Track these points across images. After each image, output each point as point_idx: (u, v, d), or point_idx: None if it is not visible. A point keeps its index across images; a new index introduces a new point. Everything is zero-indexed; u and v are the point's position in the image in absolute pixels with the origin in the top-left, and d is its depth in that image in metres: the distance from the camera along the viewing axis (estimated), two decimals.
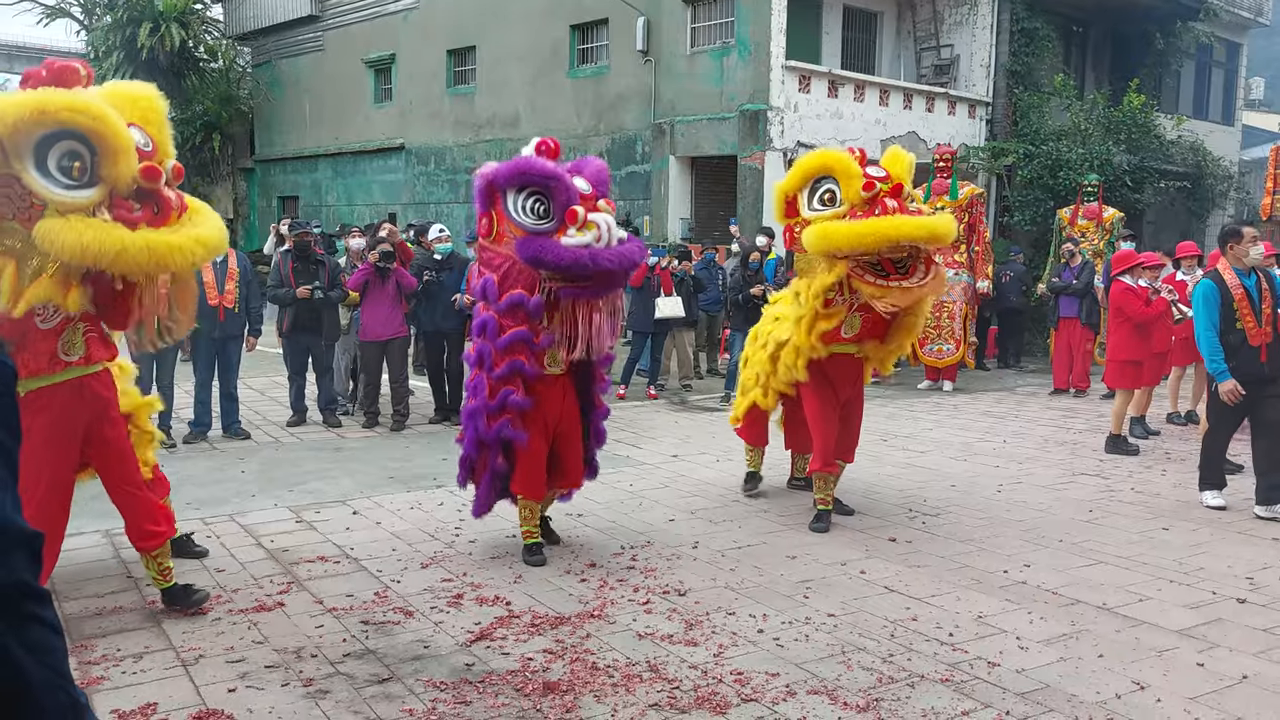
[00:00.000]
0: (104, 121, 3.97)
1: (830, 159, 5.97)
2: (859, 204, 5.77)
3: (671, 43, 16.45)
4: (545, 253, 5.02)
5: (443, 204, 21.05)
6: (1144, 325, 8.58)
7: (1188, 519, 6.62)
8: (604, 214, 5.16)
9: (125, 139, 4.04)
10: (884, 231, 5.64)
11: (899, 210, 5.74)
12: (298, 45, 25.29)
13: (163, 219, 4.15)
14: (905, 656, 4.34)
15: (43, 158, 3.96)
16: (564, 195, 5.08)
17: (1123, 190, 15.86)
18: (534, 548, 5.63)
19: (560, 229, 5.06)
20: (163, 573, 4.81)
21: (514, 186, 5.17)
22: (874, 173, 5.84)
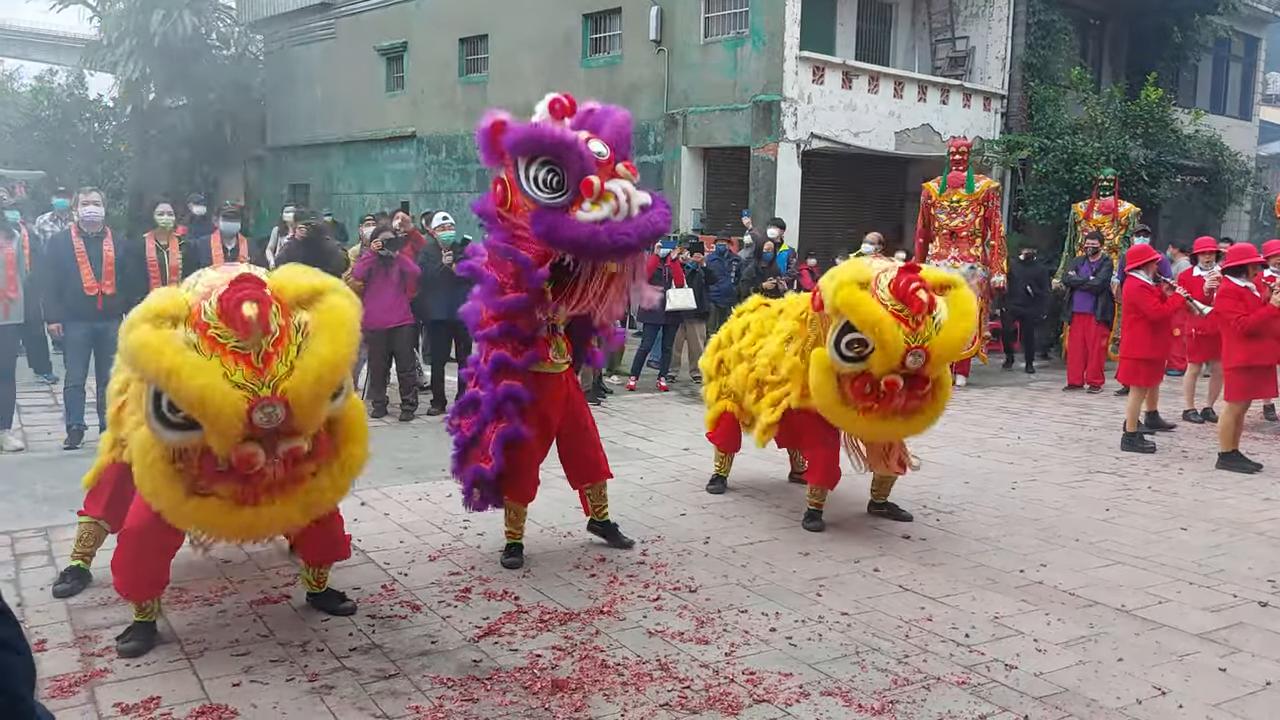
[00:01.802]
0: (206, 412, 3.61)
1: (876, 325, 5.26)
2: (877, 377, 5.43)
3: (685, 32, 16.32)
4: (557, 231, 4.66)
5: (454, 193, 20.96)
6: (1159, 322, 8.46)
7: (1206, 519, 6.52)
8: (622, 181, 4.75)
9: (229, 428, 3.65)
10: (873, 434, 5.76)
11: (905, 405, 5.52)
12: (310, 33, 25.20)
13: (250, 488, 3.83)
14: (921, 657, 4.26)
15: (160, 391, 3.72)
16: (577, 165, 4.63)
17: (1139, 185, 15.70)
18: (513, 549, 5.48)
19: (575, 202, 4.65)
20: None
21: (524, 155, 4.74)
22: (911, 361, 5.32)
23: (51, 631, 4.41)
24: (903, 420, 5.64)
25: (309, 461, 3.93)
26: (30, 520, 6.00)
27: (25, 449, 7.77)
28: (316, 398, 3.78)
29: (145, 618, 4.34)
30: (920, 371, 5.43)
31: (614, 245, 4.68)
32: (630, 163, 4.96)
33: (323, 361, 3.76)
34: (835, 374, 5.54)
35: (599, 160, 4.74)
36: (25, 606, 4.69)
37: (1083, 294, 11.98)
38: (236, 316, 3.67)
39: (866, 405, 5.52)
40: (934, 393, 5.65)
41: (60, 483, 6.79)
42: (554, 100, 4.95)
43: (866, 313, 5.28)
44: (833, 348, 5.49)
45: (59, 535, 5.71)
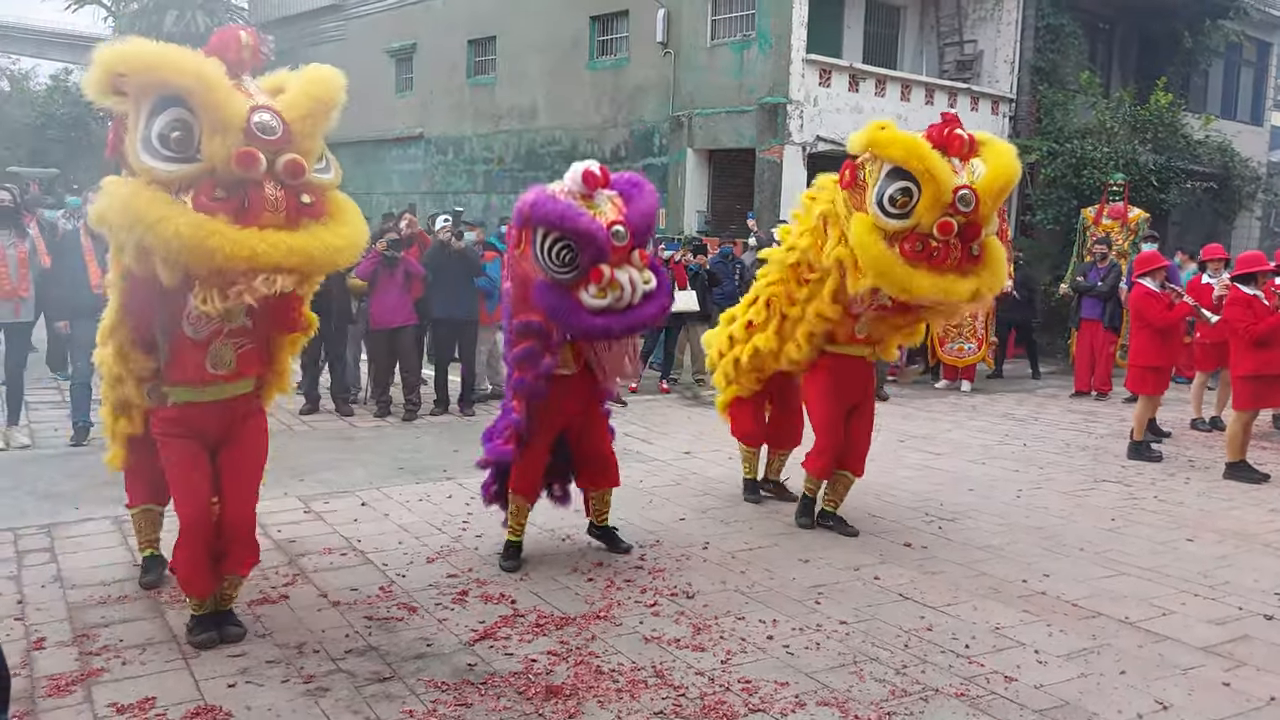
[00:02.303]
0: (210, 90, 3.71)
1: (926, 160, 5.01)
2: (927, 229, 5.09)
3: (692, 35, 16.30)
4: (560, 313, 4.87)
5: (461, 193, 20.97)
6: (1165, 330, 8.40)
7: (1212, 529, 6.47)
8: (631, 270, 4.87)
9: (231, 113, 3.73)
10: (936, 294, 5.20)
11: (960, 263, 5.18)
12: (320, 34, 25.25)
13: (250, 216, 3.79)
14: (919, 668, 4.23)
15: (152, 118, 3.80)
16: (591, 254, 4.78)
17: (1148, 190, 15.62)
18: (512, 549, 5.48)
19: (581, 282, 4.80)
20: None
21: (545, 228, 4.84)
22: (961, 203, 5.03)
23: (50, 630, 4.41)
24: (962, 278, 5.21)
25: (308, 214, 3.95)
26: (33, 517, 6.00)
27: (32, 445, 7.78)
28: (311, 112, 3.96)
29: (201, 610, 4.32)
30: (972, 218, 5.07)
31: (607, 336, 4.97)
32: (646, 252, 5.07)
33: (312, 81, 4.03)
34: (884, 235, 5.15)
35: (616, 246, 4.83)
36: (26, 604, 4.69)
37: (1090, 300, 11.92)
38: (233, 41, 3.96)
39: (923, 263, 5.13)
40: (987, 257, 5.30)
41: (65, 480, 6.80)
42: (588, 172, 4.95)
43: (910, 145, 4.99)
44: (875, 204, 5.15)
45: (61, 533, 5.73)
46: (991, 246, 5.37)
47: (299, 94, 3.98)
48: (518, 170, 19.74)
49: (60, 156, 28.16)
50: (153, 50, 3.76)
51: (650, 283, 4.96)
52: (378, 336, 9.48)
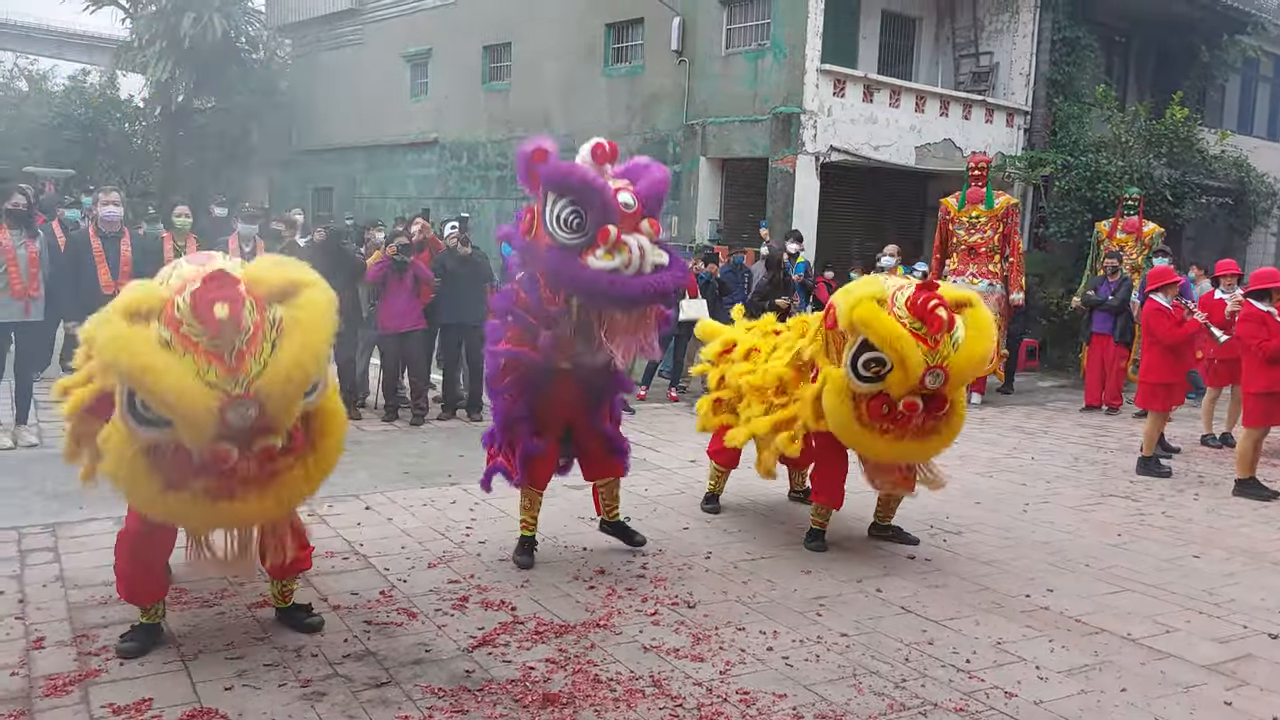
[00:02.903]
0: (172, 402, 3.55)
1: (899, 347, 5.07)
2: (895, 398, 5.24)
3: (706, 43, 16.31)
4: (564, 271, 4.84)
5: (475, 199, 21.02)
6: (1175, 346, 8.34)
7: (1220, 546, 6.42)
8: (641, 237, 4.86)
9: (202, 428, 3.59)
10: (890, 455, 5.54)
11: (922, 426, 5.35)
12: (337, 38, 25.37)
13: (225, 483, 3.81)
14: (919, 682, 4.20)
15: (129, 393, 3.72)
16: (599, 212, 4.78)
17: (1163, 205, 15.54)
18: (525, 544, 5.54)
19: (590, 247, 4.80)
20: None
21: (554, 190, 4.88)
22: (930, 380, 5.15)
23: (50, 629, 4.42)
24: (918, 442, 5.47)
25: (284, 456, 3.89)
26: (38, 516, 6.03)
27: (39, 444, 7.82)
28: (288, 396, 3.72)
29: (150, 619, 4.34)
30: (939, 392, 5.26)
31: (614, 295, 4.83)
32: (656, 220, 5.04)
33: (294, 360, 3.68)
34: (851, 394, 5.36)
35: (624, 211, 4.86)
36: (27, 603, 4.71)
37: (1102, 314, 11.87)
38: (208, 317, 3.61)
39: (884, 426, 5.33)
40: (951, 414, 5.48)
41: (71, 480, 6.71)
42: (597, 145, 5.05)
43: (885, 329, 5.09)
44: (849, 367, 5.31)
45: (65, 532, 5.75)
46: (957, 404, 5.50)
47: (282, 371, 3.67)
48: None
49: (77, 157, 28.34)
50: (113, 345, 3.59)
51: (662, 256, 4.92)
52: (386, 340, 9.51)
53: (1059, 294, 15.27)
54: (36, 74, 36.61)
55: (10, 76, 35.45)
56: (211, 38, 25.07)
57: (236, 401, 3.61)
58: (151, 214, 10.59)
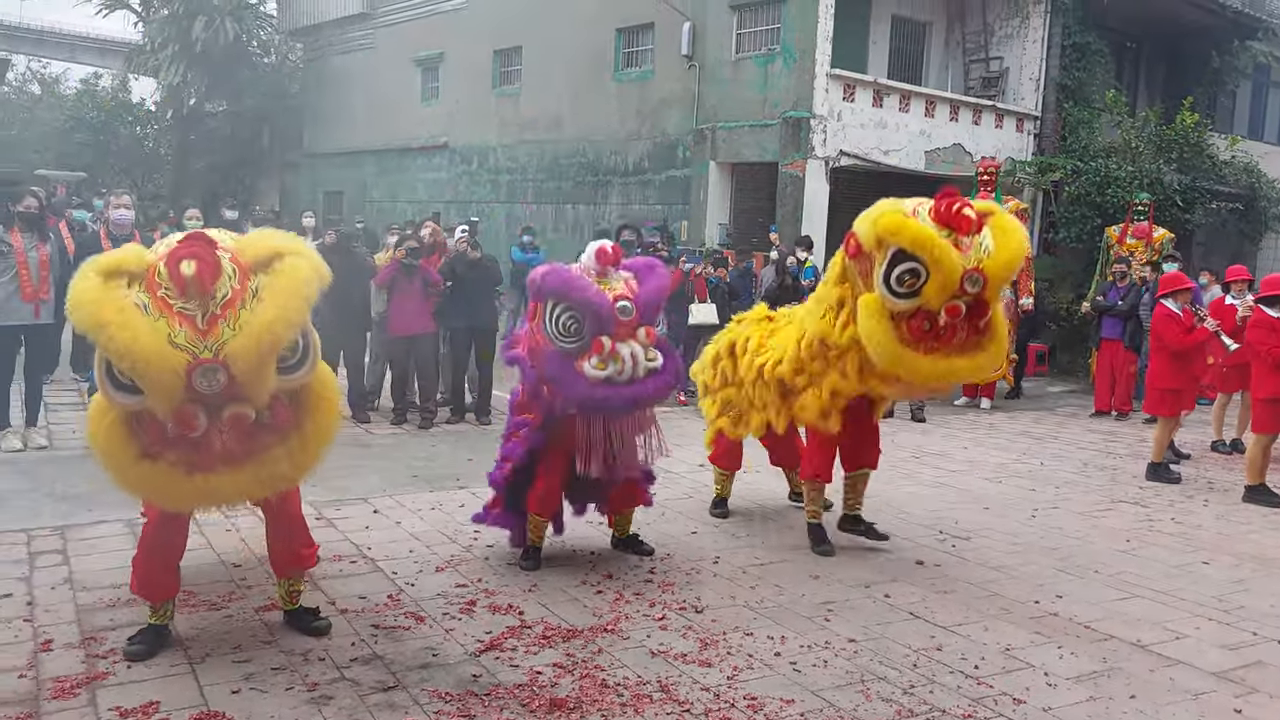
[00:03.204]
0: (136, 362, 3.49)
1: (934, 249, 4.89)
2: (935, 310, 5.04)
3: (716, 48, 16.32)
4: (559, 379, 5.01)
5: (485, 203, 21.07)
6: (1182, 353, 8.31)
7: (1230, 553, 6.39)
8: (634, 345, 5.02)
9: (167, 389, 3.54)
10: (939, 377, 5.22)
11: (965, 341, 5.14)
12: (349, 42, 25.46)
13: (200, 455, 3.72)
14: (927, 688, 4.19)
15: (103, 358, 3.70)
16: (595, 325, 4.98)
17: (1173, 210, 15.48)
18: (531, 552, 5.60)
19: (585, 354, 4.98)
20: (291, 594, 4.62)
21: (554, 298, 5.06)
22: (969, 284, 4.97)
23: (58, 632, 4.43)
24: (967, 357, 5.19)
25: (266, 433, 3.82)
26: (47, 519, 6.05)
27: (49, 446, 7.85)
28: (258, 362, 3.61)
29: (158, 620, 4.35)
30: (980, 297, 5.03)
31: (601, 408, 5.04)
32: (653, 329, 5.19)
33: (264, 324, 3.59)
34: (889, 316, 5.08)
35: (621, 320, 5.02)
36: (35, 605, 4.72)
37: (1111, 319, 11.83)
38: (174, 274, 3.57)
39: (928, 346, 5.08)
40: (991, 329, 5.23)
41: (80, 481, 6.84)
42: (600, 249, 5.20)
43: (917, 232, 4.88)
44: (882, 284, 5.05)
45: (74, 535, 5.77)
46: (996, 320, 5.31)
47: (253, 336, 3.60)
48: (541, 180, 19.82)
49: (89, 160, 28.49)
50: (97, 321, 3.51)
51: (656, 360, 5.08)
52: (396, 343, 9.54)
53: (1068, 299, 15.22)
54: (49, 77, 36.83)
55: (23, 80, 35.66)
56: (223, 42, 25.20)
57: (204, 365, 3.54)
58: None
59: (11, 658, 4.15)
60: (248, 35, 27.10)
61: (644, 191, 17.80)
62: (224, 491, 3.84)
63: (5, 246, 7.66)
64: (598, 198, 18.61)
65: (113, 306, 3.52)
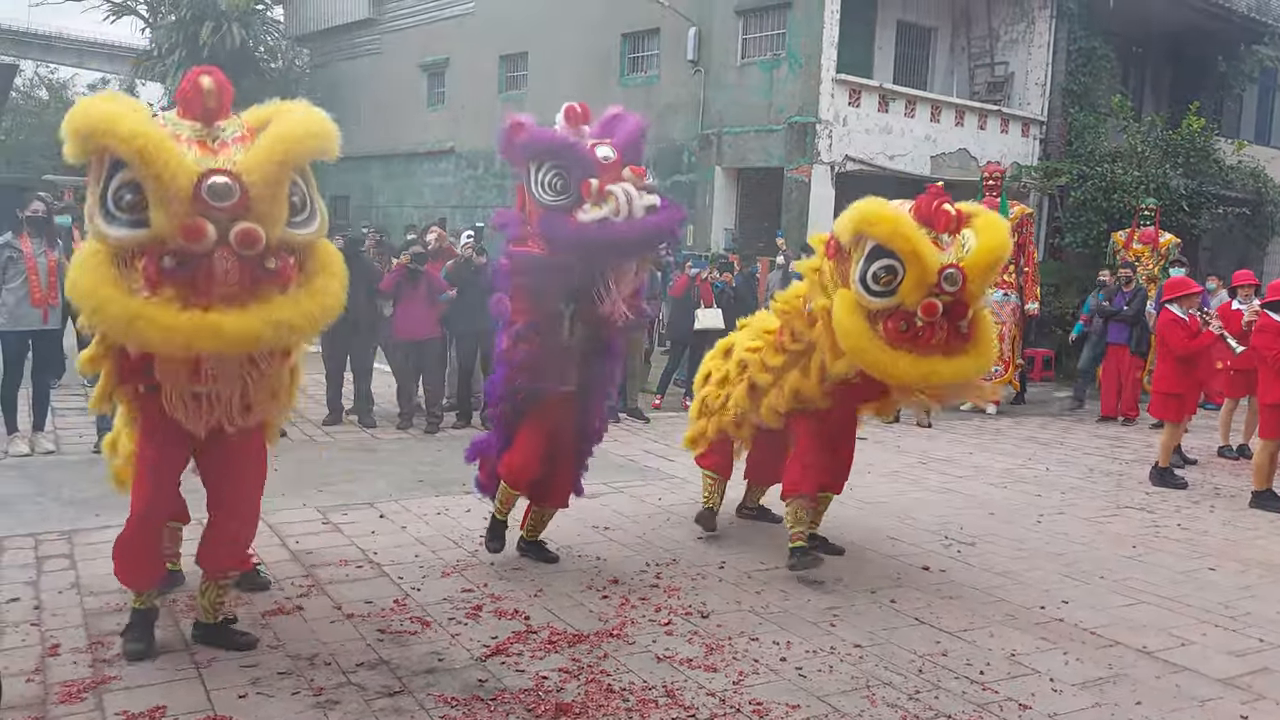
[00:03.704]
0: (148, 159, 3.44)
1: (911, 240, 4.81)
2: (911, 309, 4.90)
3: (722, 53, 16.36)
4: (558, 232, 4.83)
5: (491, 207, 21.07)
6: (1187, 357, 8.30)
7: (1236, 559, 6.38)
8: (625, 184, 4.83)
9: (175, 183, 3.45)
10: (918, 378, 5.04)
11: (947, 343, 4.99)
12: (355, 47, 25.55)
13: (200, 291, 3.57)
14: (932, 694, 4.19)
15: (108, 180, 3.59)
16: (578, 169, 4.82)
17: (1179, 215, 15.48)
18: (497, 527, 5.58)
19: (577, 204, 4.80)
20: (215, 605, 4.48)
21: (534, 160, 4.93)
22: (947, 282, 4.84)
23: (66, 636, 4.44)
24: (947, 359, 5.01)
25: (270, 279, 3.68)
26: (55, 523, 6.07)
27: (56, 451, 7.88)
28: (273, 174, 3.60)
29: (142, 604, 4.28)
30: (959, 297, 4.89)
31: (609, 242, 4.80)
32: (639, 166, 5.02)
33: (277, 137, 3.62)
34: (866, 313, 4.97)
35: (604, 164, 4.89)
36: (43, 610, 4.73)
37: (1117, 325, 11.82)
38: (194, 89, 3.59)
39: (907, 347, 4.93)
40: (977, 332, 5.08)
41: (88, 486, 6.87)
42: (569, 108, 5.14)
43: (893, 224, 4.79)
44: (859, 282, 4.94)
45: (82, 539, 5.78)
46: (982, 323, 5.15)
47: (264, 148, 3.63)
48: None
49: None
50: (99, 113, 3.53)
51: (653, 198, 4.88)
52: (402, 348, 9.56)
53: (1075, 304, 15.20)
54: (57, 83, 36.96)
55: (31, 85, 35.80)
56: (230, 47, 25.25)
57: (216, 173, 3.52)
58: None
59: (19, 662, 4.16)
60: (255, 41, 27.18)
61: None
62: (225, 331, 3.58)
63: (14, 252, 7.70)
64: None
65: (136, 117, 3.53)
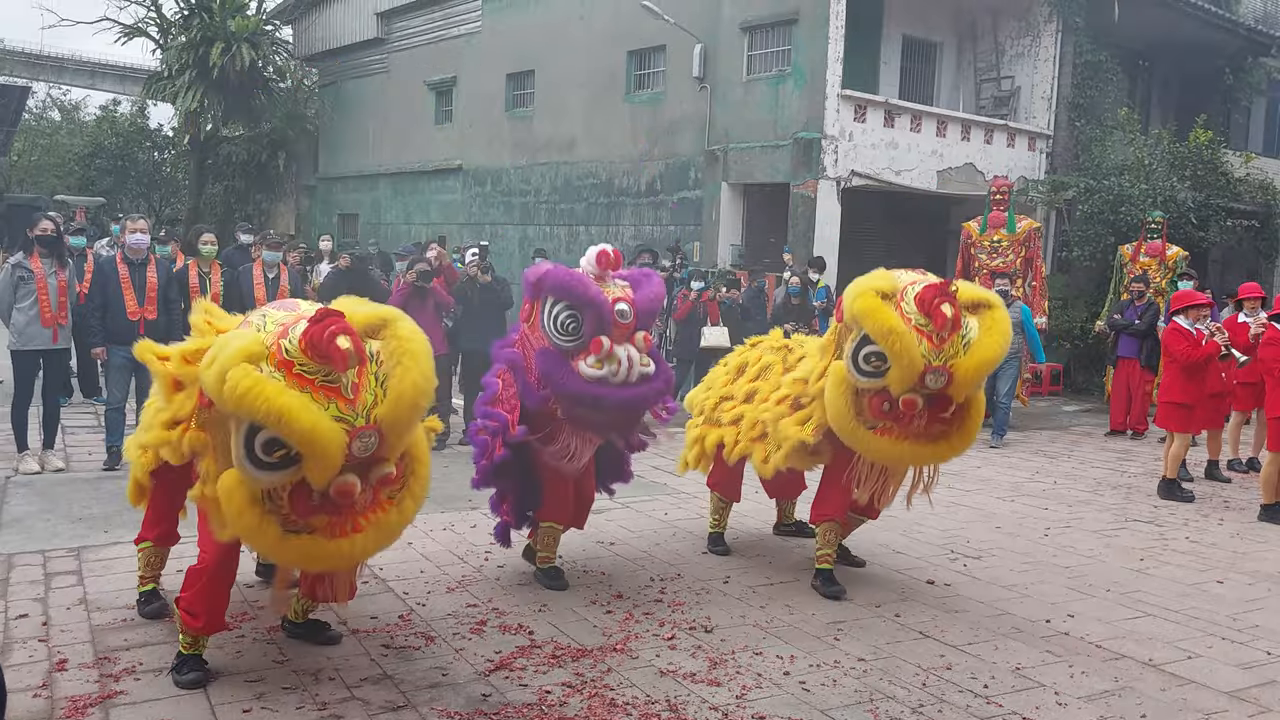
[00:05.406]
0: (316, 448, 3.59)
1: (895, 336, 4.90)
2: (895, 395, 5.05)
3: (728, 70, 16.41)
4: (555, 375, 5.04)
5: (498, 225, 21.19)
6: (1191, 368, 8.28)
7: (1244, 572, 6.35)
8: (631, 348, 5.08)
9: (334, 460, 3.64)
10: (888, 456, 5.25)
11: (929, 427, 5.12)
12: (363, 67, 25.71)
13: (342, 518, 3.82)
14: (936, 708, 4.18)
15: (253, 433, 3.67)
16: (594, 323, 5.04)
17: (1187, 228, 15.44)
18: (554, 572, 5.61)
19: (582, 353, 5.03)
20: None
21: (554, 295, 5.11)
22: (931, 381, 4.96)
23: (73, 652, 4.47)
24: (924, 444, 5.20)
25: (385, 486, 3.92)
26: (64, 540, 6.11)
27: (66, 469, 7.93)
28: (410, 423, 3.84)
29: (198, 650, 4.33)
30: (942, 393, 5.02)
31: (597, 406, 5.06)
32: (649, 335, 5.26)
33: (415, 387, 3.76)
34: (853, 389, 5.17)
35: (619, 322, 5.08)
36: (51, 625, 4.77)
37: (1127, 338, 11.79)
38: (333, 350, 3.64)
39: (884, 426, 5.13)
40: (961, 418, 5.19)
41: (96, 503, 6.92)
42: (601, 252, 5.26)
43: (882, 322, 4.92)
44: (850, 360, 5.14)
45: (90, 556, 5.82)
46: (972, 407, 5.24)
47: (399, 408, 3.76)
48: (555, 202, 19.93)
49: (108, 185, 28.83)
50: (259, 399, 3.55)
51: (649, 367, 5.12)
52: None
53: (1083, 318, 15.19)
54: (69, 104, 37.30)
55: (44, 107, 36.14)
56: (240, 67, 25.48)
57: (361, 432, 3.69)
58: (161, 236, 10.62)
59: (27, 677, 4.19)
60: (264, 61, 27.40)
61: (656, 213, 17.88)
62: (363, 549, 3.94)
63: (25, 272, 7.78)
64: (610, 219, 18.71)
65: (277, 389, 3.59)
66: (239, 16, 26.24)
